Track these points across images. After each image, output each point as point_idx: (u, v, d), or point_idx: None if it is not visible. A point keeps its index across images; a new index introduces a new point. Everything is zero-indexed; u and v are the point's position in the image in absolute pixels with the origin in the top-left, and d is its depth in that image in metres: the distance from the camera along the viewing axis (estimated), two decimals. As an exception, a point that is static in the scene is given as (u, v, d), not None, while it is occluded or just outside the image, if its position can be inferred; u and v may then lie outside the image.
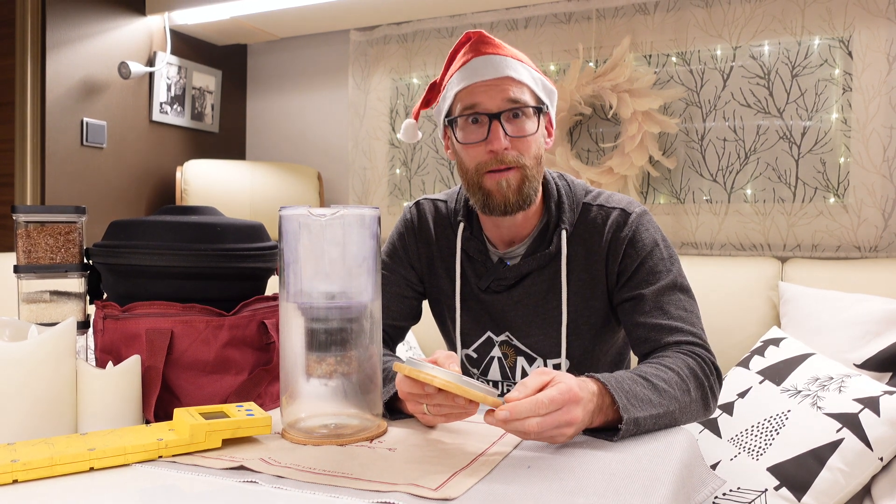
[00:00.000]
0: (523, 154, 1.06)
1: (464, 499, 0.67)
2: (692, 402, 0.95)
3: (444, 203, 1.24)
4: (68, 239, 1.00)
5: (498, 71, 1.05)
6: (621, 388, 0.88)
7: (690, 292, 1.09)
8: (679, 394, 0.93)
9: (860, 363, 1.49)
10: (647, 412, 0.88)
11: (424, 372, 0.79)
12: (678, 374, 0.96)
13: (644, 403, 0.89)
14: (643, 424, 0.88)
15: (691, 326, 1.05)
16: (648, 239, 1.10)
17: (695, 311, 1.08)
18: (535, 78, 1.09)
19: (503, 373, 1.20)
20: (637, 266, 1.09)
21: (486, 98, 1.05)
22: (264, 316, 1.01)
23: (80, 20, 2.19)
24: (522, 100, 1.06)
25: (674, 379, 0.95)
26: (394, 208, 2.53)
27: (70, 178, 2.18)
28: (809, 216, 1.96)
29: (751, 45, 2.03)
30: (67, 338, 0.86)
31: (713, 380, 1.00)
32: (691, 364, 0.98)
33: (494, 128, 1.04)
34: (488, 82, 1.05)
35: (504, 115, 1.05)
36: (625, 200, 1.14)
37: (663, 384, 0.93)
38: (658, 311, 1.05)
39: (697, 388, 0.97)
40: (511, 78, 1.06)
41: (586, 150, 2.25)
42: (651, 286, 1.07)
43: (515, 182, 1.06)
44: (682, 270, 1.11)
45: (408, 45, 2.50)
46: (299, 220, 0.85)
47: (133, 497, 0.69)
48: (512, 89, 1.05)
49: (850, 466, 1.27)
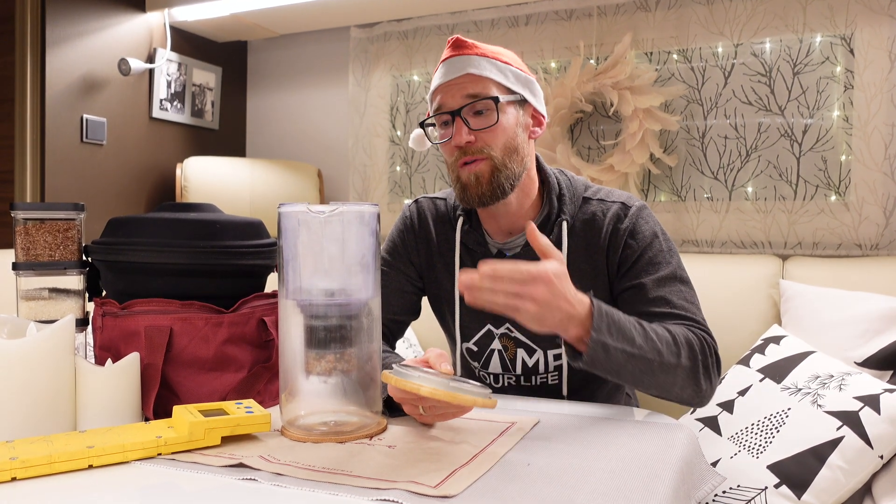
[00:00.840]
0: (490, 145, 1.09)
1: (463, 496, 0.67)
2: (678, 368, 0.95)
3: (444, 201, 1.27)
4: (67, 236, 1.00)
5: (459, 70, 1.10)
6: (608, 314, 0.90)
7: (690, 284, 1.11)
8: (665, 350, 0.94)
9: (861, 361, 1.49)
10: (622, 346, 0.89)
11: (411, 382, 0.80)
12: (674, 337, 0.97)
13: (623, 337, 0.90)
14: (614, 356, 0.89)
15: (693, 315, 1.06)
16: (648, 231, 1.12)
17: (696, 302, 1.09)
18: (501, 70, 1.11)
19: (503, 365, 1.21)
20: (637, 257, 1.11)
21: (448, 97, 1.10)
22: (263, 313, 1.01)
23: (80, 17, 2.19)
24: (482, 93, 1.09)
25: (667, 337, 0.96)
26: (394, 205, 2.53)
27: (70, 175, 2.18)
28: (810, 214, 1.96)
29: (752, 43, 2.02)
30: (66, 335, 0.86)
31: (711, 361, 1.01)
32: (691, 337, 0.99)
33: (457, 123, 1.09)
34: (450, 82, 1.10)
35: (465, 110, 1.09)
36: (624, 195, 1.17)
37: (654, 335, 0.94)
38: (660, 300, 1.07)
39: (689, 358, 0.97)
40: (471, 74, 1.09)
41: (587, 147, 2.24)
42: (651, 276, 1.09)
43: (486, 173, 1.09)
44: (682, 264, 1.12)
45: (408, 42, 2.50)
46: (298, 217, 0.85)
47: (132, 495, 0.68)
48: (470, 85, 1.09)
49: (850, 464, 1.26)
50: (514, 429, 0.89)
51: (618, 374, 0.92)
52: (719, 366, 1.03)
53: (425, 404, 0.86)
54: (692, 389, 0.98)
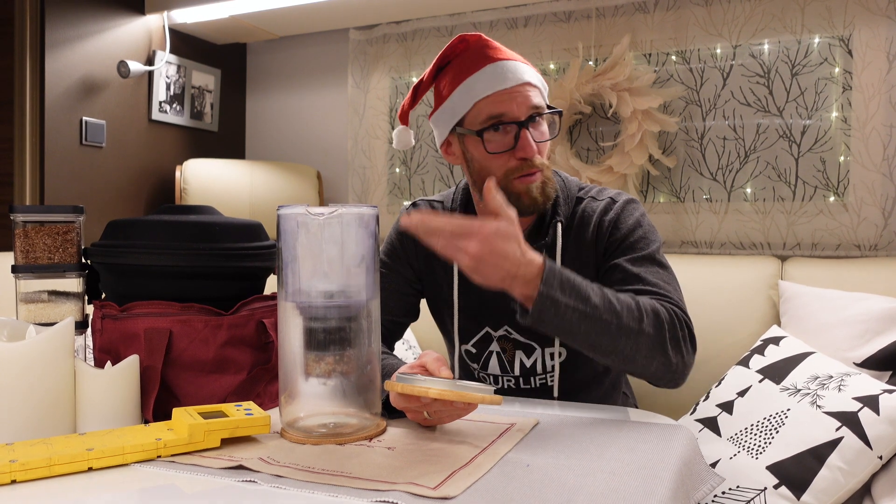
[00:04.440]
0: (542, 157, 1.11)
1: (463, 497, 0.67)
2: (641, 335, 0.92)
3: (441, 203, 1.27)
4: (66, 239, 1.00)
5: (517, 78, 1.08)
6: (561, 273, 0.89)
7: (670, 270, 1.09)
8: (625, 314, 0.92)
9: (860, 362, 1.49)
10: (573, 303, 0.88)
11: (418, 386, 0.81)
12: (638, 304, 0.94)
13: (576, 295, 0.88)
14: (564, 314, 0.87)
15: (667, 293, 1.03)
16: (631, 220, 1.13)
17: (673, 284, 1.07)
18: (540, 80, 1.13)
19: (502, 367, 1.21)
20: (619, 243, 1.11)
21: (512, 106, 1.07)
22: (263, 315, 1.01)
23: (79, 19, 2.19)
24: (542, 105, 1.10)
25: (628, 302, 0.93)
26: (393, 207, 2.53)
27: (69, 178, 2.18)
28: (809, 215, 1.96)
29: (751, 44, 2.03)
30: (66, 338, 0.86)
31: (682, 335, 0.97)
32: (657, 307, 0.96)
33: (524, 135, 1.07)
34: (511, 90, 1.08)
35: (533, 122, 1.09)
36: (615, 192, 1.19)
37: (613, 298, 0.92)
38: (633, 277, 1.06)
39: (654, 326, 0.94)
40: (530, 83, 1.09)
41: (586, 148, 2.24)
42: (627, 256, 1.09)
43: (540, 185, 1.10)
44: (662, 253, 1.12)
45: (407, 44, 2.50)
46: (297, 219, 0.85)
47: (132, 497, 0.68)
48: (533, 95, 1.09)
49: (849, 465, 1.26)
50: (514, 430, 0.89)
51: (570, 334, 0.90)
52: (693, 340, 1.00)
53: (431, 409, 0.85)
54: (660, 361, 0.94)
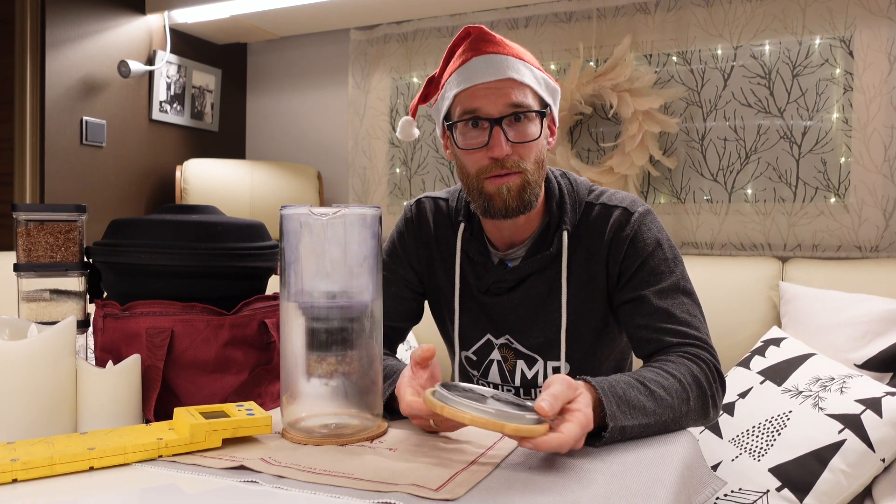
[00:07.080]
0: (524, 158, 1.03)
1: (465, 499, 0.67)
2: (689, 412, 0.92)
3: (445, 202, 1.22)
4: (68, 238, 1.00)
5: (499, 72, 1.01)
6: (614, 392, 0.85)
7: (695, 296, 1.06)
8: (677, 403, 0.90)
9: (861, 363, 1.49)
10: (637, 421, 0.85)
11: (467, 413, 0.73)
12: (680, 381, 0.92)
13: (635, 411, 0.86)
14: (630, 433, 0.85)
15: (696, 330, 1.01)
16: (651, 239, 1.07)
17: (699, 315, 1.04)
18: (537, 77, 1.05)
19: (502, 376, 1.18)
20: (638, 266, 1.06)
21: (486, 102, 1.01)
22: (265, 315, 1.00)
23: (80, 19, 2.19)
24: (525, 103, 1.02)
25: (674, 387, 0.91)
26: (394, 207, 2.53)
27: (69, 177, 2.18)
28: (810, 216, 1.96)
29: (751, 45, 2.03)
30: (67, 337, 0.85)
31: (716, 387, 0.97)
32: (695, 371, 0.95)
33: (496, 133, 1.01)
34: (489, 84, 1.01)
35: (506, 119, 1.02)
36: (628, 199, 1.11)
37: (662, 391, 0.89)
38: (662, 313, 1.02)
39: (698, 398, 0.93)
40: (513, 80, 1.01)
41: (587, 149, 2.24)
42: (652, 287, 1.04)
43: (516, 187, 1.03)
44: (686, 273, 1.07)
45: (408, 45, 2.50)
46: (300, 220, 0.85)
47: (133, 497, 0.68)
48: (514, 93, 1.01)
49: (851, 467, 1.26)
50: (516, 431, 0.89)
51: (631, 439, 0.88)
52: (724, 384, 0.99)
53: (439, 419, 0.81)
54: (702, 420, 0.96)
